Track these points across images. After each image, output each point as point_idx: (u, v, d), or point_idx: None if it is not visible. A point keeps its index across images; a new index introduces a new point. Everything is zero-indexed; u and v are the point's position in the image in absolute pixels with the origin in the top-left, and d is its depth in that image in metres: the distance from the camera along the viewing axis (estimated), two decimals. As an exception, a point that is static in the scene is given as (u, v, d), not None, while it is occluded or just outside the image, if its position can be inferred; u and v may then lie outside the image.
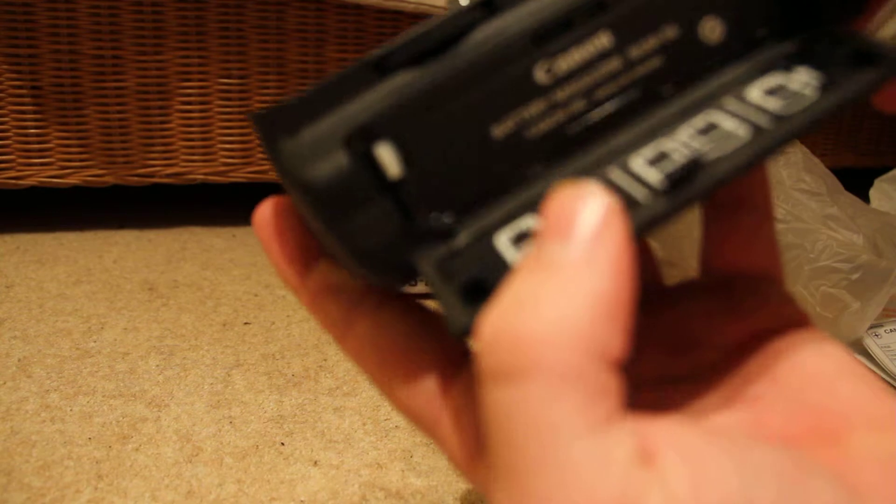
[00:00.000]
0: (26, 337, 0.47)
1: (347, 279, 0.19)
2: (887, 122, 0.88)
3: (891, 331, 0.49)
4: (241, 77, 0.67)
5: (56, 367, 0.44)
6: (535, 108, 0.16)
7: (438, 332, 0.19)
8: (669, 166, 0.15)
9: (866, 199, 0.62)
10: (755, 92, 0.16)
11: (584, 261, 0.14)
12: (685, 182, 0.15)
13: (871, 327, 0.49)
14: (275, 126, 0.16)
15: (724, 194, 0.20)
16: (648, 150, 0.16)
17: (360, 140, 0.15)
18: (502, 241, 0.16)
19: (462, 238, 0.16)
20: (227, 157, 0.69)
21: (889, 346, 0.48)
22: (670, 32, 0.16)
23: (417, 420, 0.18)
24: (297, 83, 0.68)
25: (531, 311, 0.13)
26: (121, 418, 0.39)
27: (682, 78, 0.17)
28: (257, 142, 0.69)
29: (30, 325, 0.49)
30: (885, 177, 0.63)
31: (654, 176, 0.15)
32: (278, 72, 0.67)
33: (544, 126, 0.16)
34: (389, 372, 0.18)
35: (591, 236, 0.14)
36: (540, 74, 0.16)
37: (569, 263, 0.14)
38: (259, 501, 0.33)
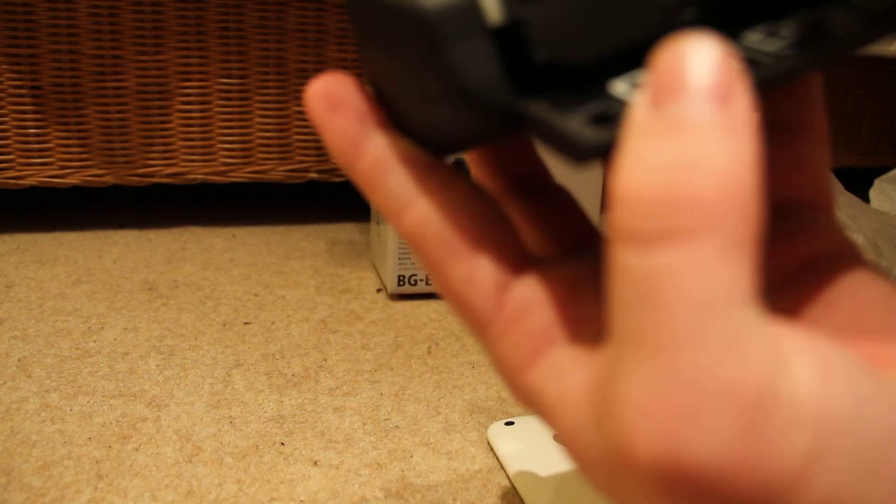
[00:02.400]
0: (26, 337, 0.47)
1: (412, 150, 0.17)
2: (887, 123, 0.88)
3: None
4: (241, 77, 0.67)
5: (56, 367, 0.44)
6: None
7: (508, 224, 0.17)
8: (787, 34, 0.14)
9: (866, 199, 0.62)
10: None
11: (722, 121, 0.12)
12: (812, 41, 0.14)
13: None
14: None
15: (777, 115, 0.20)
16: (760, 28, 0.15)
17: None
18: (620, 88, 0.15)
19: (574, 86, 0.15)
20: (227, 157, 0.69)
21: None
22: None
23: (468, 313, 0.17)
24: (297, 83, 0.68)
25: (698, 167, 0.12)
26: (121, 418, 0.39)
27: None
28: (257, 141, 0.69)
29: (30, 325, 0.49)
30: (885, 177, 0.63)
31: (771, 45, 0.14)
32: (278, 72, 0.67)
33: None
34: (452, 255, 0.17)
35: (721, 92, 0.12)
36: None
37: (706, 124, 0.12)
38: (259, 501, 0.33)
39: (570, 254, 0.20)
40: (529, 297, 0.17)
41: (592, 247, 0.21)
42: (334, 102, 0.17)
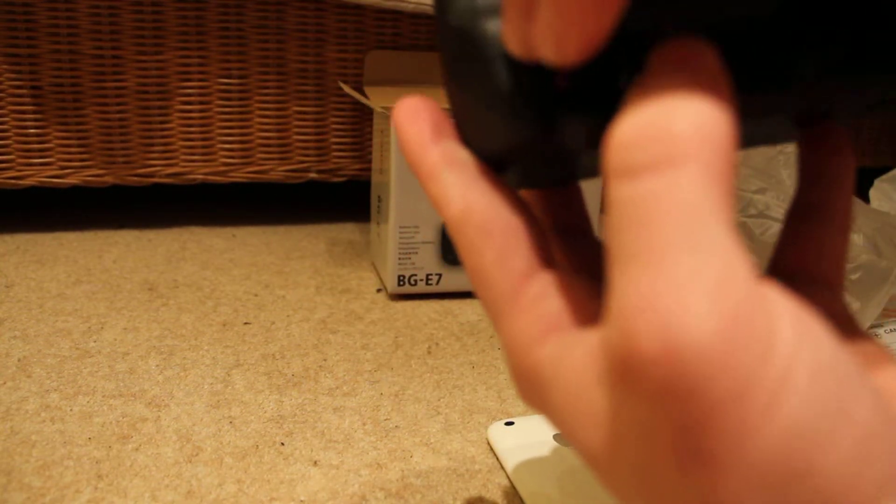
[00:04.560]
0: (26, 337, 0.47)
1: (471, 157, 0.21)
2: (887, 123, 0.88)
3: (891, 331, 0.49)
4: (241, 77, 0.67)
5: (56, 367, 0.44)
6: None
7: (541, 231, 0.20)
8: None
9: (866, 199, 0.62)
10: None
11: (708, 88, 0.15)
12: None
13: (871, 327, 0.49)
14: None
15: (808, 199, 0.23)
16: None
17: None
18: None
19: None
20: (227, 157, 0.69)
21: (889, 346, 0.48)
22: None
23: (491, 291, 0.20)
24: (297, 83, 0.68)
25: (679, 113, 0.14)
26: (121, 418, 0.39)
27: None
28: (257, 141, 0.69)
29: (30, 325, 0.49)
30: (885, 177, 0.63)
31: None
32: (278, 72, 0.67)
33: None
34: (488, 239, 0.20)
35: (692, 65, 0.15)
36: None
37: (693, 90, 0.15)
38: (259, 501, 0.33)
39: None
40: (548, 287, 0.19)
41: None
42: (415, 114, 0.21)
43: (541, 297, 0.19)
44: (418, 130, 0.21)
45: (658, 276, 0.14)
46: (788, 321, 0.14)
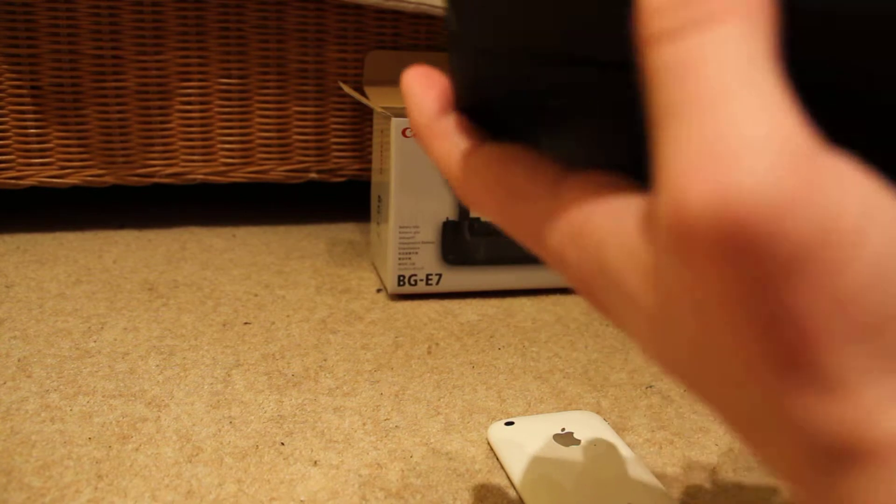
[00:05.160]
0: (26, 337, 0.47)
1: (474, 128, 0.22)
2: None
3: (891, 331, 0.49)
4: (241, 77, 0.67)
5: (56, 367, 0.44)
6: None
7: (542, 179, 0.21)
8: None
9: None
10: None
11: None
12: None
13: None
14: None
15: None
16: None
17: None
18: None
19: None
20: (227, 157, 0.69)
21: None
22: None
23: (531, 202, 0.20)
24: (297, 83, 0.68)
25: None
26: (121, 418, 0.39)
27: None
28: (257, 141, 0.69)
29: (30, 325, 0.49)
30: (885, 177, 0.63)
31: None
32: (278, 72, 0.67)
33: None
34: (514, 167, 0.20)
35: None
36: None
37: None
38: (259, 501, 0.33)
39: None
40: (585, 180, 0.19)
41: None
42: (430, 82, 0.22)
43: (581, 186, 0.19)
44: (434, 96, 0.22)
45: (708, 126, 0.13)
46: (854, 177, 0.13)
